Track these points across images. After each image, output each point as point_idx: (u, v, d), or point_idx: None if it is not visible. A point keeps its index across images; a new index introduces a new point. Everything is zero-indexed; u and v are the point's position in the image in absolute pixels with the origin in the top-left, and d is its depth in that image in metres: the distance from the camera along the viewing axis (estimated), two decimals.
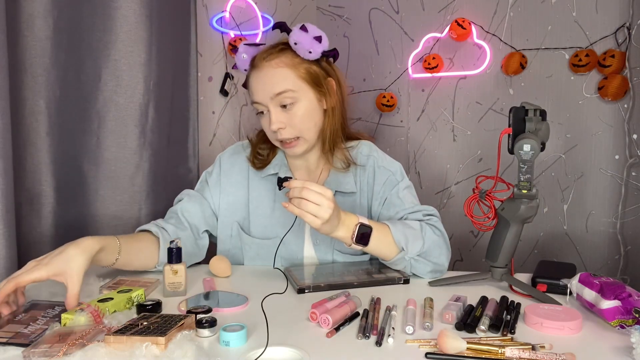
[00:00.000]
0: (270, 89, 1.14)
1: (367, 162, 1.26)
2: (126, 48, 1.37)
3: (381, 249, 1.10)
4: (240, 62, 1.22)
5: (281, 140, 1.17)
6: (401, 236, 1.09)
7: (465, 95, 2.01)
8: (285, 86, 1.14)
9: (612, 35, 1.77)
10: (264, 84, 1.15)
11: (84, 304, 0.87)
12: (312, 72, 1.17)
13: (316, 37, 1.15)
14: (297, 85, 1.15)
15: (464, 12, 1.97)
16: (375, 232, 1.08)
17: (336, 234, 1.05)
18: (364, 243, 1.06)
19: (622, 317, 0.84)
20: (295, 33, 1.15)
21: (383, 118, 2.15)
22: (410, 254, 1.10)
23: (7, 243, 1.09)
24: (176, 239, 1.06)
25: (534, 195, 1.02)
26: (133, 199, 1.42)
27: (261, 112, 1.19)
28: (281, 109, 1.15)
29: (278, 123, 1.15)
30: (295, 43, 1.15)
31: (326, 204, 0.97)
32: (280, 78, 1.14)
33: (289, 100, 1.14)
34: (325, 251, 1.24)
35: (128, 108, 1.39)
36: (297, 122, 1.16)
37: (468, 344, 0.76)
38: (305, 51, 1.15)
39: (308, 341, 0.81)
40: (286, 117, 1.15)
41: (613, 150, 1.81)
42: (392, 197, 1.23)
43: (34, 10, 1.27)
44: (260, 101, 1.16)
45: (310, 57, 1.17)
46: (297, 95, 1.15)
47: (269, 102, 1.15)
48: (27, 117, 1.29)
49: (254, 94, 1.17)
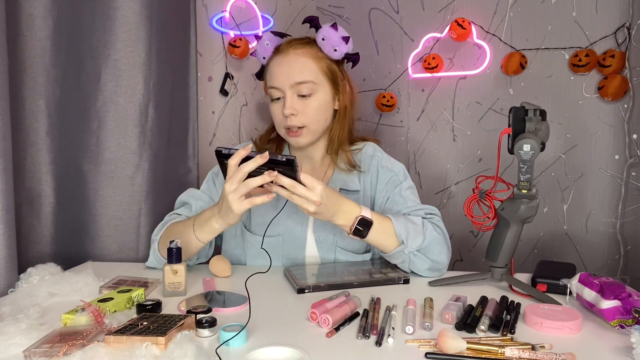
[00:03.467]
0: (292, 76, 1.16)
1: (371, 162, 1.28)
2: (126, 48, 1.37)
3: (381, 241, 1.11)
4: (262, 49, 1.23)
5: (288, 127, 1.18)
6: (402, 229, 1.11)
7: (465, 95, 2.01)
8: (308, 77, 1.17)
9: (612, 35, 1.77)
10: (288, 70, 1.17)
11: (85, 303, 0.87)
12: (333, 69, 1.22)
13: (344, 37, 1.20)
14: (318, 78, 1.18)
15: (464, 12, 1.97)
16: (377, 224, 1.09)
17: (336, 222, 1.07)
18: (360, 236, 1.08)
19: (622, 317, 0.84)
20: (325, 29, 1.19)
21: (383, 118, 2.15)
22: (410, 249, 1.11)
23: (7, 243, 1.09)
24: (176, 239, 1.06)
25: (534, 195, 1.02)
26: (133, 199, 1.42)
27: (276, 99, 1.20)
28: (298, 97, 1.17)
29: (291, 109, 1.16)
30: (323, 39, 1.19)
31: (312, 197, 0.98)
32: (304, 67, 1.17)
33: (307, 91, 1.17)
34: (328, 249, 1.24)
35: (128, 108, 1.39)
36: (309, 112, 1.18)
37: (468, 344, 0.76)
38: (331, 48, 1.19)
39: (308, 341, 0.81)
40: (300, 106, 1.17)
41: (613, 150, 1.81)
42: (394, 196, 1.24)
43: (34, 10, 1.27)
44: (279, 86, 1.17)
45: (334, 56, 1.20)
46: (316, 88, 1.18)
47: (288, 89, 1.17)
48: (27, 117, 1.29)
49: (274, 79, 1.18)
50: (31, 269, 1.10)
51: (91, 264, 1.31)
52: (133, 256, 1.43)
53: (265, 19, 1.96)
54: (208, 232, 1.10)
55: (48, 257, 1.31)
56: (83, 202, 1.39)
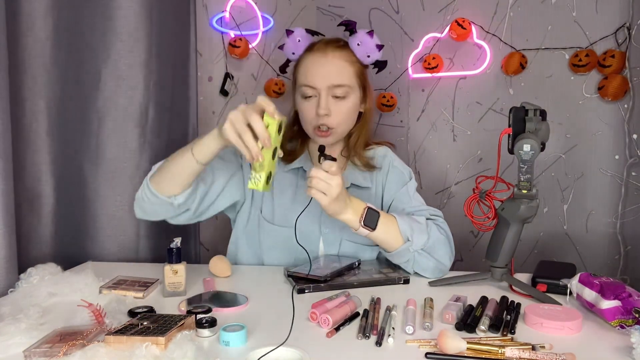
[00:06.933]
0: (330, 78, 1.18)
1: (383, 161, 1.31)
2: (126, 48, 1.37)
3: (387, 238, 1.12)
4: (293, 45, 1.25)
5: (319, 126, 1.19)
6: (407, 227, 1.12)
7: (465, 95, 2.01)
8: (345, 80, 1.19)
9: (612, 35, 1.77)
10: (325, 72, 1.18)
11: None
12: (364, 74, 1.25)
13: (378, 45, 1.22)
14: (352, 82, 1.21)
15: (464, 12, 1.97)
16: (383, 219, 1.11)
17: (344, 216, 1.08)
18: (371, 226, 1.09)
19: (622, 317, 0.84)
20: (361, 35, 1.22)
21: (383, 118, 2.15)
22: (415, 246, 1.11)
23: (7, 243, 1.09)
24: (176, 239, 1.06)
25: (534, 195, 1.02)
26: (133, 198, 1.41)
27: (309, 97, 1.20)
28: (332, 98, 1.19)
29: (326, 109, 1.17)
30: (358, 44, 1.21)
31: (334, 182, 1.02)
32: (342, 70, 1.19)
33: (342, 93, 1.19)
34: (333, 242, 1.25)
35: (128, 108, 1.39)
36: (340, 114, 1.20)
37: (468, 344, 0.76)
38: (364, 54, 1.22)
39: (308, 341, 0.81)
40: (333, 107, 1.19)
41: (613, 150, 1.81)
42: (401, 196, 1.27)
43: (34, 10, 1.27)
44: (316, 86, 1.18)
45: (365, 61, 1.23)
46: (349, 91, 1.20)
47: (324, 89, 1.17)
48: (27, 117, 1.29)
49: (310, 78, 1.19)
50: (31, 269, 1.10)
51: (91, 264, 1.31)
52: (133, 256, 1.43)
53: (265, 19, 1.96)
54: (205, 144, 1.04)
55: (48, 257, 1.31)
56: (83, 202, 1.39)
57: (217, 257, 1.20)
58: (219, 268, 1.18)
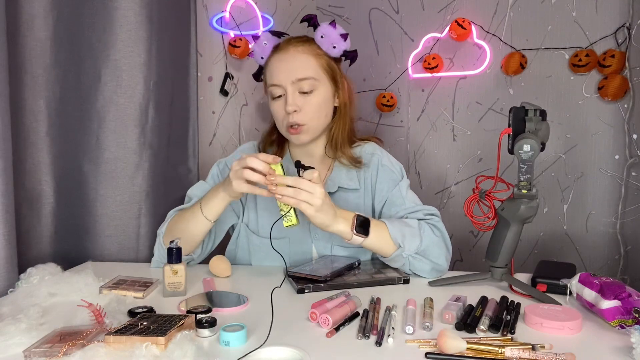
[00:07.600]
0: (293, 73, 1.17)
1: (371, 160, 1.28)
2: (126, 48, 1.37)
3: (380, 245, 1.11)
4: (260, 49, 1.24)
5: (291, 124, 1.18)
6: (398, 233, 1.10)
7: (465, 95, 2.01)
8: (309, 73, 1.18)
9: (612, 35, 1.77)
10: (289, 68, 1.17)
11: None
12: (332, 66, 1.23)
13: (342, 34, 1.21)
14: (319, 75, 1.19)
15: (464, 12, 1.97)
16: (374, 227, 1.09)
17: (335, 228, 1.07)
18: (364, 233, 1.08)
19: (622, 317, 0.84)
20: (324, 27, 1.20)
21: (383, 118, 2.15)
22: (408, 252, 1.11)
23: (7, 243, 1.09)
24: (176, 239, 1.06)
25: (534, 195, 1.02)
26: (133, 198, 1.42)
27: (277, 97, 1.20)
28: (299, 94, 1.18)
29: (294, 105, 1.17)
30: (322, 36, 1.20)
31: (318, 192, 1.01)
32: (305, 64, 1.18)
33: (309, 87, 1.17)
34: (325, 246, 1.24)
35: (128, 108, 1.39)
36: (310, 109, 1.18)
37: (468, 344, 0.76)
38: (330, 45, 1.20)
39: (308, 341, 0.81)
40: (302, 102, 1.18)
41: (613, 150, 1.81)
42: (393, 197, 1.24)
43: (34, 10, 1.27)
44: (281, 83, 1.18)
45: (332, 53, 1.21)
46: (317, 84, 1.19)
47: (289, 86, 1.17)
48: (27, 117, 1.29)
49: (275, 76, 1.19)
50: (31, 269, 1.10)
51: (91, 264, 1.31)
52: (133, 256, 1.43)
53: (265, 19, 1.96)
54: (214, 205, 1.12)
55: (48, 257, 1.31)
56: (83, 202, 1.39)
57: (217, 257, 1.20)
58: (219, 268, 1.18)
